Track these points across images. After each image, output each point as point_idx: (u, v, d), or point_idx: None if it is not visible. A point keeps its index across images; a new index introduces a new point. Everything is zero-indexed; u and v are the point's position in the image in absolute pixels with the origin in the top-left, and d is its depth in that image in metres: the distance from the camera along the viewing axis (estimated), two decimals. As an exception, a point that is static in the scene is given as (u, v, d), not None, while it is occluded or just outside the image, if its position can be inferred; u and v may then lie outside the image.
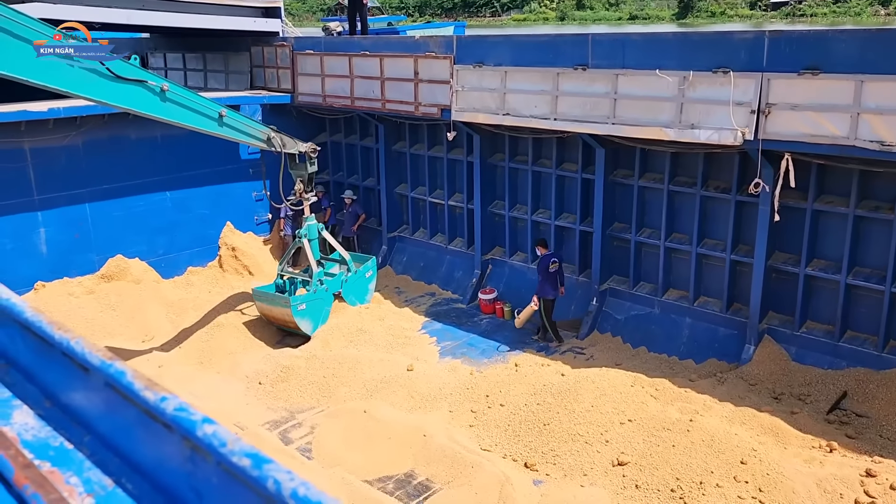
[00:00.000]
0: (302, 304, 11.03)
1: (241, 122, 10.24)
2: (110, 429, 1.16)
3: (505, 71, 11.00)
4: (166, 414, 1.02)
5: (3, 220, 11.47)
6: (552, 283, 10.89)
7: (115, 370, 1.09)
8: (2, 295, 1.31)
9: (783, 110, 8.47)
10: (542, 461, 7.86)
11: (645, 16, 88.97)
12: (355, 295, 12.08)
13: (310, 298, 11.22)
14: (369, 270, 12.38)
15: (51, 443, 1.14)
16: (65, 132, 11.96)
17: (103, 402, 1.14)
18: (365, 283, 12.32)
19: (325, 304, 11.53)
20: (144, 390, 1.05)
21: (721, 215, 10.21)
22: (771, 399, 8.89)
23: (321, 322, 11.42)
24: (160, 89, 8.92)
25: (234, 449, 0.93)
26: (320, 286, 11.43)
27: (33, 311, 1.25)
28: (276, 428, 8.87)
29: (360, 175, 15.09)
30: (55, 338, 1.19)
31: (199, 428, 0.98)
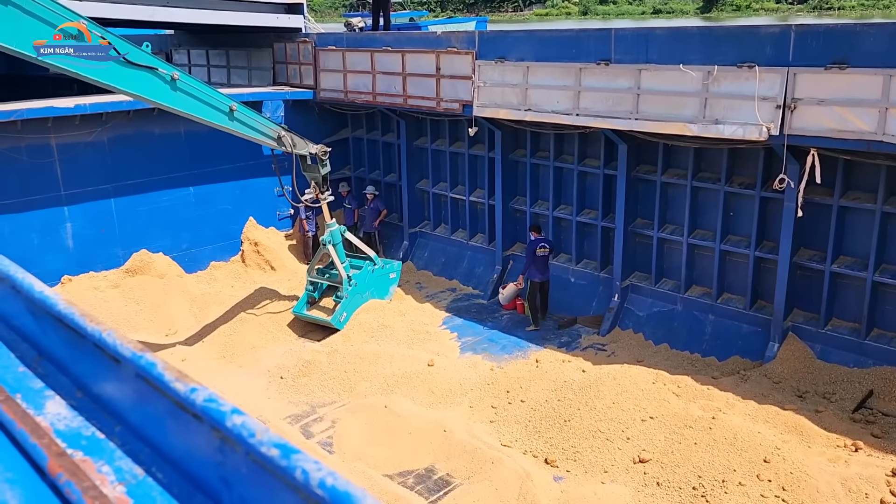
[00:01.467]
0: (342, 315, 11.30)
1: (251, 119, 10.17)
2: (141, 419, 1.18)
3: (527, 66, 10.96)
4: (196, 405, 1.03)
5: (30, 215, 11.65)
6: (539, 266, 11.36)
7: (146, 362, 1.11)
8: (35, 287, 1.34)
9: (809, 105, 8.36)
10: (562, 457, 7.85)
11: (669, 10, 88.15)
12: (377, 290, 12.08)
13: (347, 305, 11.37)
14: (394, 272, 12.39)
15: (83, 432, 1.16)
16: (91, 128, 12.11)
17: (134, 393, 1.16)
18: (388, 282, 12.32)
19: (363, 296, 11.73)
20: (175, 381, 1.07)
21: (745, 211, 10.11)
22: (795, 397, 8.80)
23: (384, 297, 12.05)
24: (170, 78, 8.88)
25: (262, 439, 0.94)
26: (350, 285, 11.49)
27: (66, 304, 1.27)
28: (297, 422, 8.94)
29: (382, 171, 15.12)
30: (87, 330, 1.21)
31: (228, 419, 0.99)
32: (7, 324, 1.51)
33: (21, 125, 11.23)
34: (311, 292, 11.82)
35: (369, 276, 11.89)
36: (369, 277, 11.88)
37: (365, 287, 11.76)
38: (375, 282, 12.02)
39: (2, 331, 1.50)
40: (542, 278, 11.38)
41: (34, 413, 1.18)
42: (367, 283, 11.80)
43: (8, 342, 1.45)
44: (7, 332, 1.49)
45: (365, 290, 11.75)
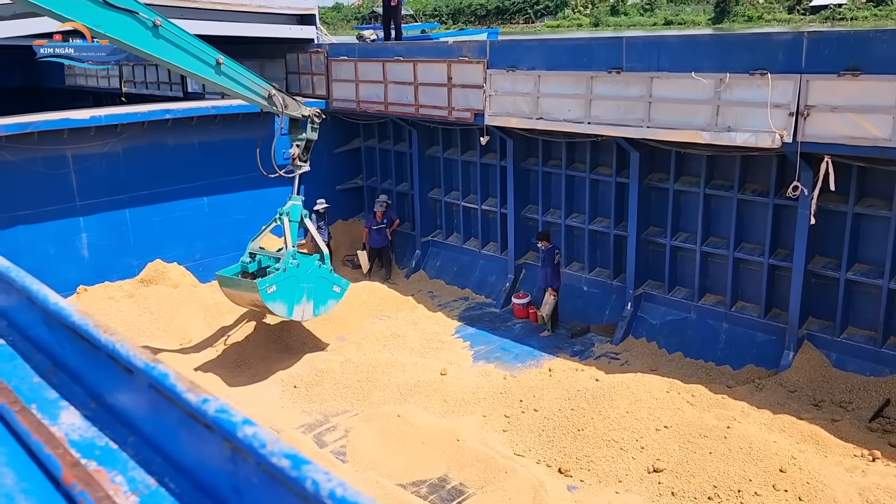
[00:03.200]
0: (271, 287, 9.93)
1: (240, 74, 9.58)
2: (153, 429, 1.19)
3: (538, 75, 10.98)
4: (208, 415, 1.04)
5: (47, 226, 11.76)
6: (558, 274, 11.57)
7: (159, 372, 1.12)
8: (50, 298, 1.36)
9: (822, 112, 8.31)
10: (576, 467, 7.81)
11: (680, 20, 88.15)
12: (316, 294, 10.63)
13: (281, 278, 10.09)
14: (339, 287, 10.94)
15: (97, 443, 1.17)
16: (105, 139, 12.23)
17: (147, 404, 1.17)
18: (329, 292, 10.84)
19: (300, 282, 10.34)
20: (187, 392, 1.07)
21: (759, 219, 10.05)
22: (811, 406, 8.72)
23: (316, 310, 10.62)
24: (152, 23, 8.40)
25: (273, 450, 0.95)
26: (291, 261, 10.30)
27: (80, 315, 1.29)
28: (310, 431, 8.95)
29: (394, 180, 15.16)
30: (101, 340, 1.23)
31: (239, 429, 1.00)
32: (23, 334, 1.53)
33: (37, 137, 11.36)
34: (247, 264, 10.66)
35: (314, 269, 10.61)
36: (313, 270, 10.59)
37: (305, 276, 10.43)
38: (317, 282, 10.63)
39: (18, 341, 1.52)
40: (560, 284, 11.59)
41: (49, 423, 1.19)
42: (308, 274, 10.50)
43: (24, 353, 1.46)
44: (23, 343, 1.50)
45: (304, 280, 10.38)
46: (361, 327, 11.80)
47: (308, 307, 10.51)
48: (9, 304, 1.57)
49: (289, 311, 10.27)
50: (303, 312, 10.49)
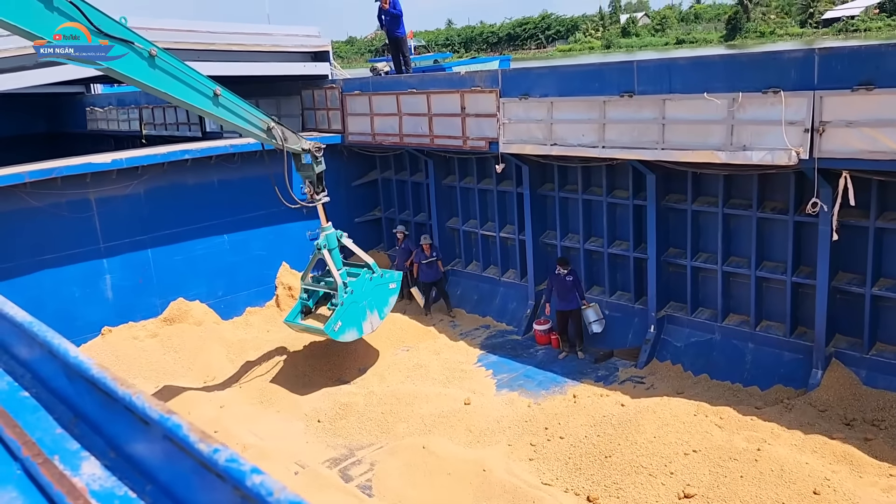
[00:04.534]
0: (337, 324, 10.52)
1: (238, 106, 9.51)
2: (169, 478, 1.21)
3: (551, 101, 11.05)
4: (219, 465, 1.07)
5: (72, 269, 11.97)
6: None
7: (173, 423, 1.15)
8: (70, 352, 1.40)
9: (838, 127, 8.28)
10: (604, 495, 7.71)
11: (692, 39, 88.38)
12: (376, 302, 11.15)
13: (341, 313, 10.58)
14: (394, 283, 11.45)
15: (116, 492, 1.20)
16: (127, 181, 12.47)
17: (162, 453, 1.20)
18: (387, 292, 11.36)
19: (359, 304, 10.86)
20: (199, 442, 1.10)
21: (779, 237, 9.98)
22: (842, 425, 8.56)
23: (382, 314, 11.17)
24: (148, 54, 8.29)
25: (280, 498, 0.97)
26: (346, 293, 10.68)
27: (99, 368, 1.33)
28: (336, 465, 8.93)
29: (412, 210, 15.26)
30: (118, 393, 1.26)
31: (248, 478, 1.02)
32: (45, 386, 1.57)
33: (61, 181, 11.61)
34: (305, 301, 11.20)
35: (367, 284, 11.00)
36: (367, 286, 10.99)
37: (362, 296, 10.89)
38: (374, 291, 11.11)
39: (41, 393, 1.56)
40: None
41: (71, 474, 1.23)
42: (364, 292, 10.93)
43: (47, 404, 1.50)
44: (46, 395, 1.55)
45: (362, 299, 10.88)
46: (383, 359, 11.80)
47: (374, 318, 11.12)
48: (32, 357, 1.62)
49: (359, 331, 10.91)
50: (371, 325, 11.10)
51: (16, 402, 1.49)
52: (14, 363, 1.69)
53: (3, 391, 1.54)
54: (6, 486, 1.25)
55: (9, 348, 1.73)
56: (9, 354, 1.72)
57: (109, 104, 22.71)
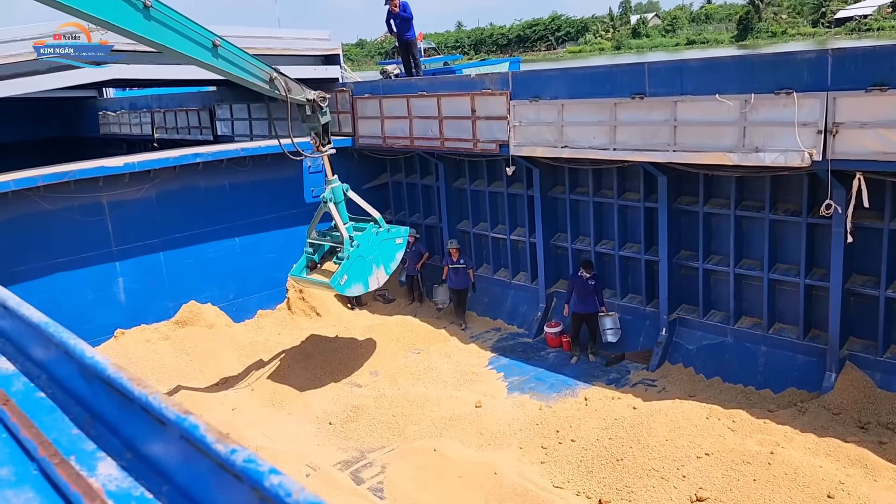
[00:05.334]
0: (343, 278, 10.31)
1: (238, 57, 9.28)
2: (186, 479, 1.21)
3: (562, 104, 11.03)
4: (236, 465, 1.06)
5: (85, 272, 12.03)
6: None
7: (190, 424, 1.15)
8: (87, 353, 1.40)
9: (852, 129, 8.22)
10: (616, 498, 7.67)
11: (703, 40, 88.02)
12: (382, 257, 10.94)
13: (347, 267, 10.39)
14: (400, 238, 11.23)
15: (132, 493, 1.20)
16: (139, 185, 12.53)
17: (179, 454, 1.20)
18: (394, 247, 11.15)
19: (365, 258, 10.67)
20: (216, 443, 1.10)
21: (792, 239, 9.92)
22: (857, 428, 8.49)
23: (388, 269, 10.96)
24: (143, 5, 8.05)
25: (298, 498, 0.97)
26: (352, 246, 10.48)
27: (115, 369, 1.33)
28: (347, 468, 8.93)
29: (422, 213, 15.26)
30: (135, 393, 1.26)
31: (266, 478, 1.02)
32: (62, 387, 1.58)
33: (74, 185, 11.68)
34: (311, 255, 11.06)
35: (373, 238, 10.82)
36: (373, 240, 10.81)
37: (368, 250, 10.72)
38: (380, 246, 10.93)
39: (57, 394, 1.56)
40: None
41: (87, 475, 1.23)
42: (370, 247, 10.77)
43: (63, 405, 1.51)
44: (62, 396, 1.55)
45: (368, 254, 10.71)
46: (394, 362, 11.81)
47: (380, 272, 10.91)
48: (48, 358, 1.62)
49: (365, 286, 10.71)
50: (377, 280, 10.90)
51: (32, 403, 1.50)
52: (30, 364, 1.70)
53: (19, 392, 1.55)
54: (23, 487, 1.26)
55: (25, 349, 1.74)
56: (25, 356, 1.73)
57: (122, 108, 22.85)
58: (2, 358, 1.73)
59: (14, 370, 1.67)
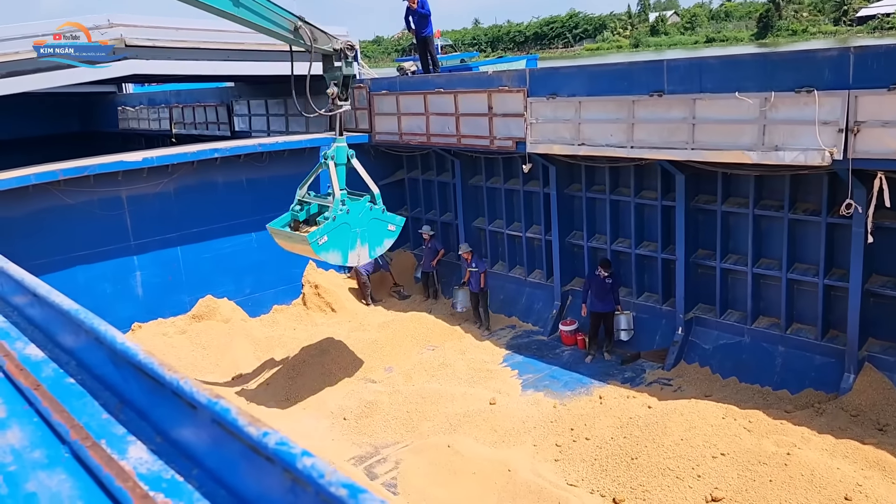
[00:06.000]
0: (322, 238, 9.60)
1: (261, 6, 8.94)
2: (216, 462, 1.23)
3: (579, 101, 11.00)
4: (268, 448, 1.08)
5: (103, 265, 12.15)
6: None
7: (221, 408, 1.17)
8: (117, 339, 1.42)
9: (873, 128, 8.14)
10: (631, 497, 7.65)
11: (723, 38, 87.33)
12: (369, 236, 10.22)
13: (331, 228, 9.68)
14: (393, 225, 10.49)
15: (163, 476, 1.22)
16: (158, 179, 12.63)
17: (210, 438, 1.22)
18: (384, 232, 10.40)
19: (352, 228, 9.97)
20: (248, 426, 1.11)
21: (811, 238, 9.84)
22: (875, 431, 8.42)
23: (373, 251, 10.28)
24: None
25: (331, 480, 0.98)
26: (341, 209, 9.80)
27: (146, 354, 1.35)
28: (361, 463, 8.97)
29: (438, 210, 15.28)
30: (166, 378, 1.28)
31: (299, 460, 1.03)
32: (91, 373, 1.60)
33: (93, 179, 11.79)
34: (296, 212, 10.42)
35: (366, 211, 10.13)
36: (365, 213, 10.12)
37: (357, 221, 10.02)
38: (370, 224, 10.20)
39: (86, 380, 1.59)
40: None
41: (118, 457, 1.25)
42: (360, 219, 10.08)
43: (92, 390, 1.53)
44: (91, 381, 1.57)
45: (356, 225, 10.00)
46: (409, 358, 11.84)
47: (363, 251, 10.23)
48: (77, 345, 1.65)
49: (343, 257, 10.04)
50: (358, 257, 10.24)
51: (62, 389, 1.52)
52: (59, 351, 1.72)
53: (49, 378, 1.58)
54: (55, 469, 1.28)
55: (54, 336, 1.76)
56: (54, 343, 1.75)
57: (140, 104, 23.04)
58: (32, 345, 1.76)
59: (44, 357, 1.70)
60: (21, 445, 1.35)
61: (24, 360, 1.67)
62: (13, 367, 1.63)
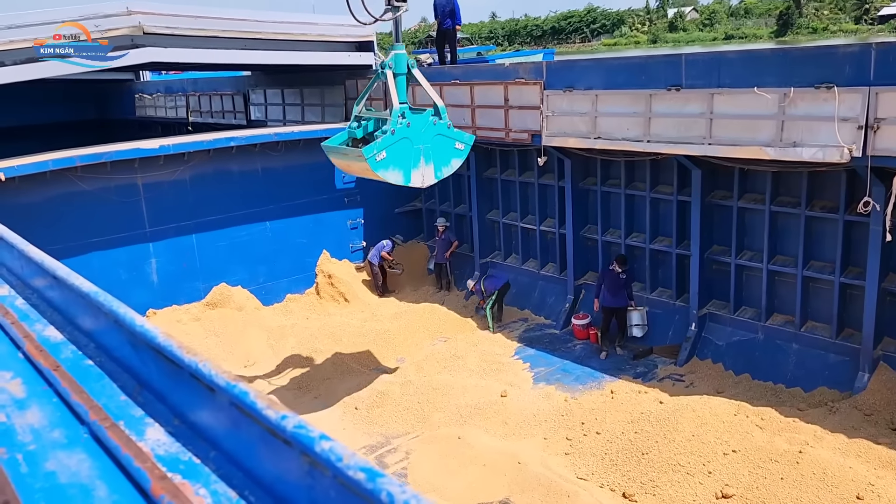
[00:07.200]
0: (380, 154, 8.64)
1: None
2: (234, 445, 1.24)
3: (596, 94, 10.94)
4: (287, 431, 1.08)
5: (119, 252, 12.24)
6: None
7: (240, 391, 1.18)
8: (137, 321, 1.43)
9: (894, 125, 8.05)
10: (640, 491, 7.64)
11: (741, 35, 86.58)
12: (434, 154, 9.18)
13: (390, 142, 8.69)
14: (462, 143, 9.45)
15: (181, 458, 1.23)
16: (174, 167, 12.69)
17: (228, 420, 1.23)
18: (451, 150, 9.38)
19: (414, 143, 8.95)
20: (266, 409, 1.12)
21: (828, 236, 9.75)
22: (889, 430, 8.35)
23: (439, 171, 9.24)
24: None
25: (349, 463, 0.98)
26: (400, 122, 8.80)
27: (165, 336, 1.36)
28: (371, 453, 9.01)
29: (452, 202, 15.26)
30: (185, 361, 1.29)
31: (317, 444, 1.04)
32: (109, 355, 1.61)
33: (110, 166, 11.87)
34: (353, 129, 9.44)
35: (428, 126, 9.08)
36: (429, 128, 9.08)
37: (419, 136, 8.97)
38: (435, 140, 9.16)
39: (105, 362, 1.60)
40: None
41: (136, 439, 1.26)
42: (423, 134, 9.04)
43: (110, 373, 1.55)
44: (109, 364, 1.59)
45: (418, 141, 8.96)
46: (421, 349, 11.87)
47: (428, 171, 9.18)
48: (96, 327, 1.66)
49: (405, 176, 8.98)
50: (422, 177, 9.15)
51: (81, 370, 1.54)
52: (78, 333, 1.74)
53: (68, 359, 1.59)
54: (74, 449, 1.29)
55: (73, 319, 1.78)
56: (73, 325, 1.77)
57: (157, 91, 23.14)
58: (51, 327, 1.78)
59: (63, 338, 1.72)
60: (41, 425, 1.37)
61: (44, 341, 1.69)
62: (33, 348, 1.65)
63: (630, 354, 11.27)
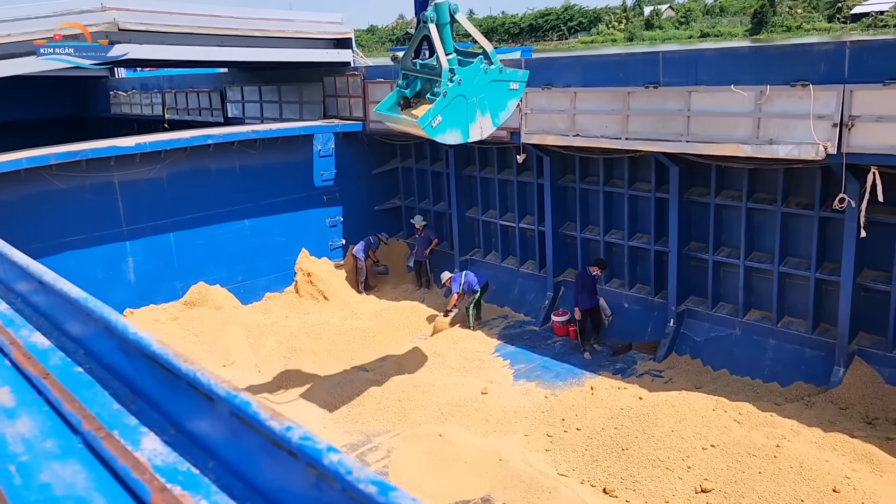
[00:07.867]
0: (436, 119, 8.37)
1: None
2: (234, 455, 1.22)
3: (574, 92, 10.98)
4: (292, 443, 1.07)
5: (95, 251, 12.08)
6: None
7: (241, 401, 1.16)
8: (129, 329, 1.41)
9: (868, 122, 8.17)
10: (621, 487, 7.70)
11: (717, 33, 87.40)
12: (490, 102, 8.80)
13: (442, 106, 8.37)
14: (516, 82, 9.00)
15: (179, 468, 1.21)
16: (150, 165, 12.54)
17: (227, 430, 1.21)
18: (505, 93, 8.95)
19: (468, 98, 8.59)
20: (270, 420, 1.11)
21: (804, 232, 9.88)
22: (864, 424, 8.50)
23: (497, 118, 8.91)
24: None
25: (360, 476, 0.97)
26: (451, 81, 8.41)
27: (160, 345, 1.34)
28: (353, 451, 8.98)
29: (431, 200, 15.25)
30: (182, 369, 1.27)
31: (325, 456, 1.03)
32: (99, 363, 1.59)
33: (86, 164, 11.71)
34: (403, 89, 8.98)
35: (481, 76, 8.65)
36: (480, 78, 8.65)
37: (472, 89, 8.58)
38: (489, 88, 8.76)
39: (95, 369, 1.57)
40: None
41: (132, 449, 1.24)
42: (476, 86, 8.63)
43: (101, 380, 1.52)
44: (100, 371, 1.56)
45: (472, 94, 8.58)
46: (401, 347, 11.85)
47: (485, 121, 8.86)
48: (85, 333, 1.63)
49: (464, 134, 8.71)
50: (481, 129, 8.88)
51: (71, 378, 1.51)
52: (65, 339, 1.71)
53: (57, 366, 1.56)
54: (69, 460, 1.27)
55: (60, 324, 1.75)
56: (60, 331, 1.74)
57: (133, 88, 22.84)
58: (37, 333, 1.75)
59: (50, 345, 1.68)
60: (32, 435, 1.34)
61: (31, 347, 1.65)
62: (20, 354, 1.62)
63: (609, 351, 11.35)
